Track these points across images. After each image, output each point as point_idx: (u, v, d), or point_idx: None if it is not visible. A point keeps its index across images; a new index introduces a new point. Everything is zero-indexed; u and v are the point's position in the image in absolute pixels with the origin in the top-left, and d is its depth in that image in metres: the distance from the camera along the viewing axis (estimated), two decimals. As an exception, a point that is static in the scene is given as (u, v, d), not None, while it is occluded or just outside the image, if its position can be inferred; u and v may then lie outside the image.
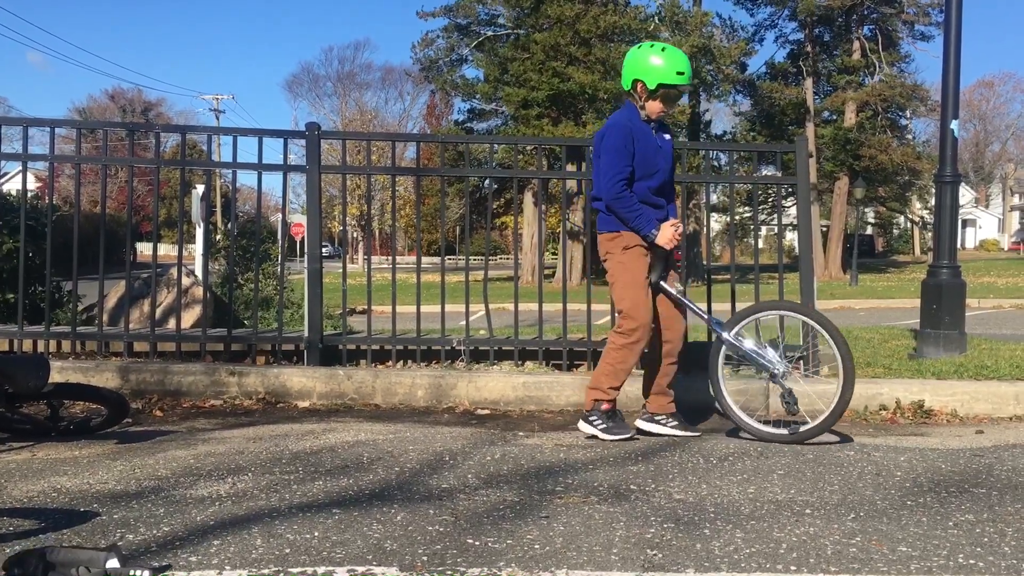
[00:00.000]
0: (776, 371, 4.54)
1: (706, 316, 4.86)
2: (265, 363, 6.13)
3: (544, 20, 30.95)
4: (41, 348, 6.27)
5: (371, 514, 3.15)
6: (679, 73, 4.51)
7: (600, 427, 4.53)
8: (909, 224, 67.93)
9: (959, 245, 8.19)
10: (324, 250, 7.45)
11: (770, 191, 28.27)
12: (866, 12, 39.21)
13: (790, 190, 6.65)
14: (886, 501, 3.37)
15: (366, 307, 6.41)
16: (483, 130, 35.71)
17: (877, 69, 38.74)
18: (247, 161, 6.39)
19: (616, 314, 4.73)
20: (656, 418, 4.70)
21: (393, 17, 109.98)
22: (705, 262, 6.90)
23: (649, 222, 4.53)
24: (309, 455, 4.10)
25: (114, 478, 3.64)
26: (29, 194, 7.07)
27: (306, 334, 6.12)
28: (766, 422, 4.65)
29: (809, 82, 39.57)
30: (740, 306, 5.98)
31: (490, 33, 35.09)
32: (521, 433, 4.74)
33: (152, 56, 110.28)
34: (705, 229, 7.05)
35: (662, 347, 4.71)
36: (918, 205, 58.18)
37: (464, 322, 6.34)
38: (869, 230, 67.01)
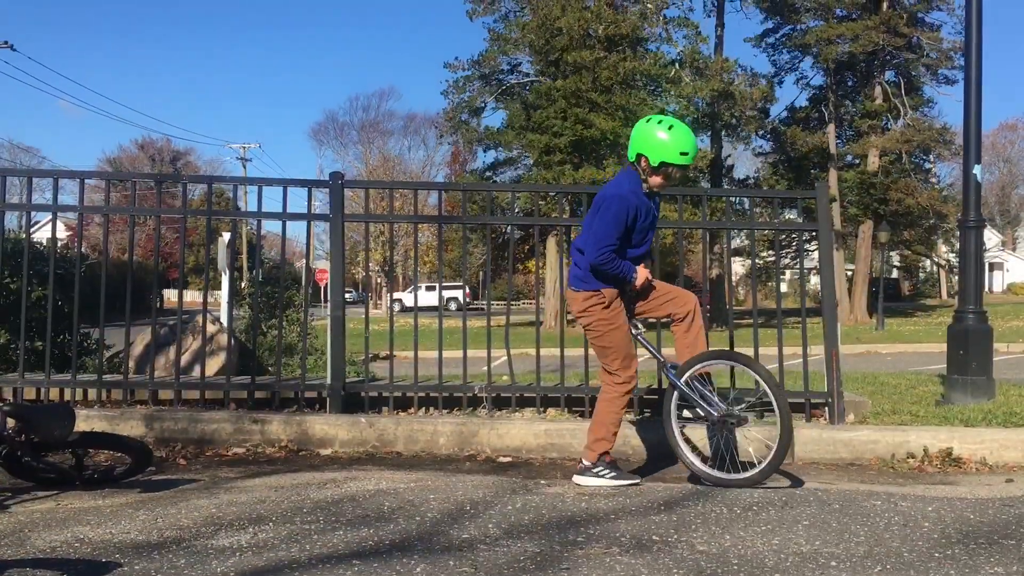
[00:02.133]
0: (712, 418, 4.64)
1: (661, 359, 4.95)
2: (289, 410, 6.15)
3: (566, 67, 31.26)
4: (68, 396, 6.32)
5: (391, 565, 3.13)
6: (683, 153, 4.57)
7: (609, 476, 4.62)
8: (935, 267, 67.39)
9: (986, 289, 8.12)
10: (347, 295, 7.50)
11: (793, 236, 28.21)
12: (888, 57, 39.26)
13: (812, 235, 6.63)
14: (913, 553, 3.31)
15: (389, 353, 6.44)
16: (506, 178, 36.00)
17: (900, 114, 38.71)
18: (272, 210, 6.48)
19: (604, 365, 4.81)
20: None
21: (416, 65, 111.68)
22: (728, 307, 6.87)
23: (631, 268, 4.68)
24: (330, 504, 4.10)
25: (136, 528, 3.65)
26: (59, 243, 7.18)
27: (328, 381, 6.14)
28: (730, 467, 4.64)
29: (831, 127, 39.57)
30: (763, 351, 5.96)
31: (513, 81, 35.50)
32: (543, 481, 4.71)
33: (181, 106, 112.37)
34: (728, 274, 7.02)
35: (681, 328, 4.85)
36: (944, 248, 57.73)
37: (486, 368, 6.34)
38: (895, 274, 66.52)
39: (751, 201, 7.66)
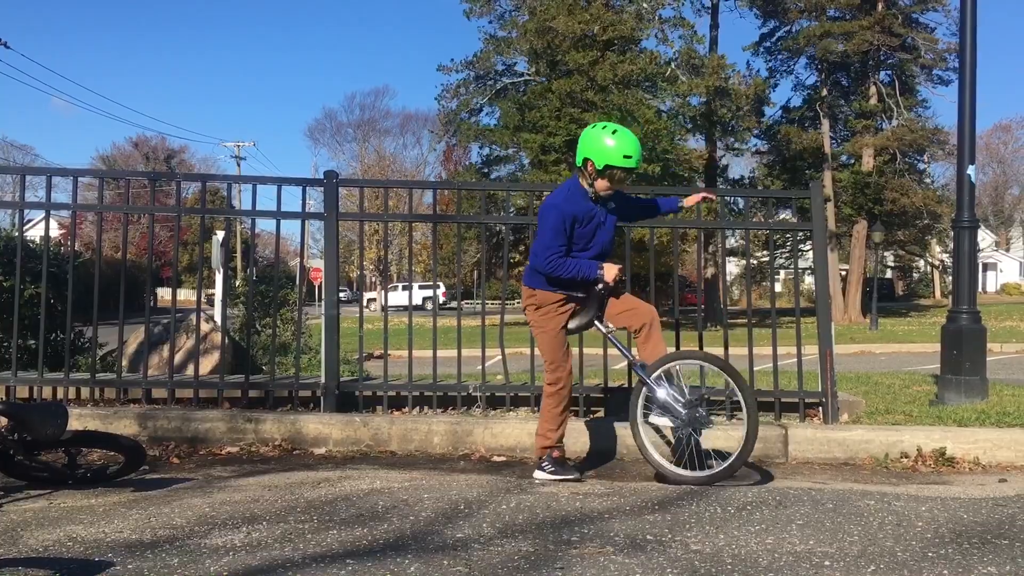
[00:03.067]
0: (679, 415, 4.67)
1: (630, 357, 4.99)
2: (283, 409, 6.14)
3: (561, 68, 31.26)
4: (61, 395, 6.31)
5: (385, 565, 3.13)
6: (626, 156, 4.68)
7: (549, 470, 4.78)
8: (929, 267, 67.54)
9: (980, 289, 8.14)
10: (342, 294, 7.49)
11: (787, 235, 28.22)
12: (883, 57, 39.32)
13: (807, 235, 6.64)
14: (907, 553, 3.32)
15: (383, 352, 6.43)
16: (501, 176, 35.97)
17: (895, 114, 38.76)
18: (267, 208, 6.47)
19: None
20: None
21: (411, 64, 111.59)
22: (722, 306, 6.87)
23: (590, 267, 4.76)
24: (324, 504, 4.09)
25: (129, 527, 3.64)
26: (52, 241, 7.16)
27: (323, 380, 6.13)
28: (696, 466, 4.70)
29: (826, 127, 39.61)
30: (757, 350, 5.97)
31: (508, 82, 35.48)
32: (536, 481, 4.70)
33: (175, 104, 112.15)
34: (722, 273, 7.03)
35: (640, 337, 4.93)
36: (938, 248, 57.86)
37: (480, 367, 6.34)
38: (889, 274, 66.63)
39: (746, 201, 7.67)
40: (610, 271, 4.78)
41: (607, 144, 4.69)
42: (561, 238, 4.72)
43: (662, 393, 4.69)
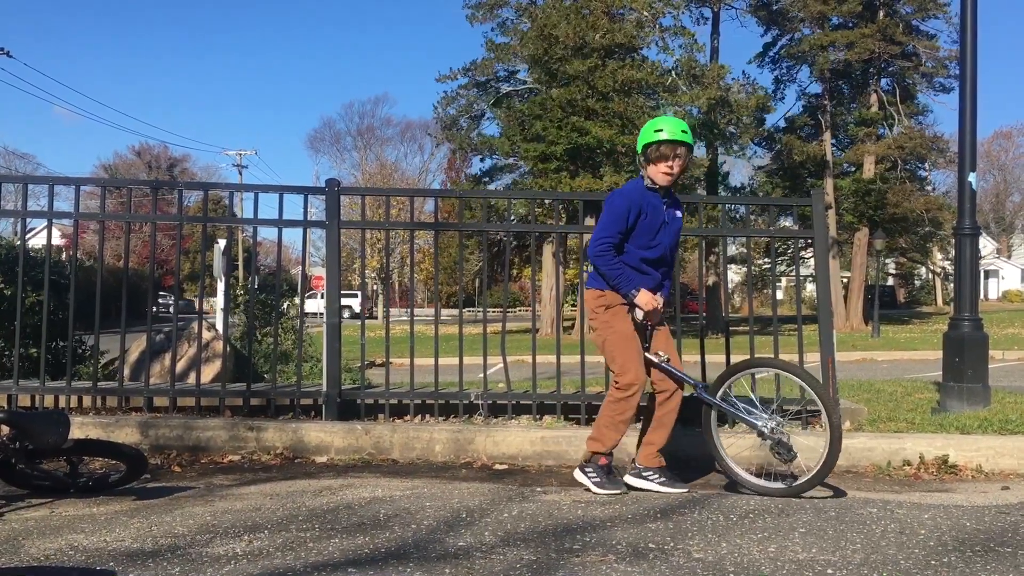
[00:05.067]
0: (763, 429, 4.57)
1: (692, 381, 4.79)
2: (284, 418, 6.14)
3: (562, 76, 31.30)
4: (63, 403, 6.31)
5: (386, 573, 3.12)
6: (657, 131, 4.64)
7: (593, 479, 4.60)
8: (931, 275, 67.51)
9: (981, 296, 8.14)
10: (344, 302, 7.49)
11: (789, 243, 28.26)
12: (883, 65, 39.39)
13: (808, 243, 6.64)
14: (910, 560, 3.31)
15: (385, 360, 6.43)
16: (502, 185, 36.02)
17: (896, 121, 38.81)
18: (268, 217, 6.47)
19: (611, 372, 4.78)
20: (644, 473, 4.69)
21: (411, 72, 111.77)
22: (724, 314, 6.88)
23: (629, 282, 4.61)
24: (326, 512, 4.09)
25: (131, 536, 3.63)
26: (53, 249, 7.17)
27: (324, 388, 6.13)
28: (768, 476, 4.66)
29: (827, 135, 39.68)
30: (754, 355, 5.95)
31: (508, 89, 35.55)
32: (539, 489, 4.70)
33: (177, 112, 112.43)
34: (724, 281, 7.03)
35: (656, 401, 4.76)
36: (939, 256, 57.81)
37: (482, 375, 6.34)
38: (890, 281, 66.62)
39: (747, 209, 7.68)
40: (644, 296, 4.60)
41: (644, 130, 4.71)
42: (620, 224, 4.58)
43: (734, 410, 4.62)
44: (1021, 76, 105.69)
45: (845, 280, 42.78)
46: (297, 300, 9.63)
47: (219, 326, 8.51)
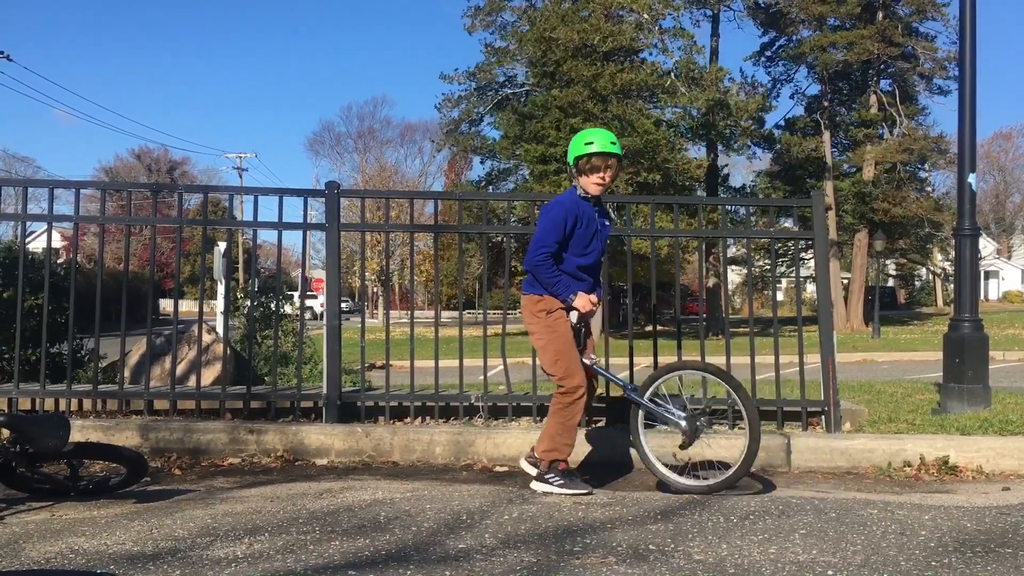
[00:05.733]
0: (683, 428, 4.75)
1: (621, 383, 5.00)
2: (284, 420, 6.14)
3: (562, 79, 31.30)
4: (63, 406, 6.31)
5: (387, 575, 3.12)
6: (587, 143, 4.80)
7: (558, 483, 4.67)
8: (931, 276, 67.51)
9: (982, 297, 8.14)
10: (344, 304, 7.49)
11: (789, 244, 28.26)
12: (883, 66, 39.38)
13: (808, 244, 6.64)
14: (910, 562, 3.31)
15: (385, 362, 6.43)
16: (503, 188, 36.01)
17: (895, 123, 38.80)
18: (268, 219, 6.47)
19: (547, 375, 4.88)
20: (546, 476, 4.75)
21: (411, 73, 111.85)
22: (724, 315, 6.88)
23: (567, 288, 4.75)
24: (326, 515, 4.09)
25: (131, 539, 3.63)
26: (53, 252, 7.17)
27: (324, 391, 6.13)
28: (693, 475, 4.82)
29: (827, 136, 39.66)
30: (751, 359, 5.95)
31: (509, 92, 35.55)
32: (538, 491, 4.69)
33: (178, 115, 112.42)
34: (724, 283, 7.04)
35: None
36: (939, 257, 57.82)
37: (482, 377, 6.33)
38: (891, 282, 66.62)
39: (747, 210, 7.68)
40: (582, 299, 4.75)
41: (574, 143, 4.87)
42: (558, 233, 4.72)
43: (659, 410, 4.79)
44: (1020, 77, 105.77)
45: (845, 281, 42.76)
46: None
47: (219, 329, 8.51)
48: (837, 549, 3.49)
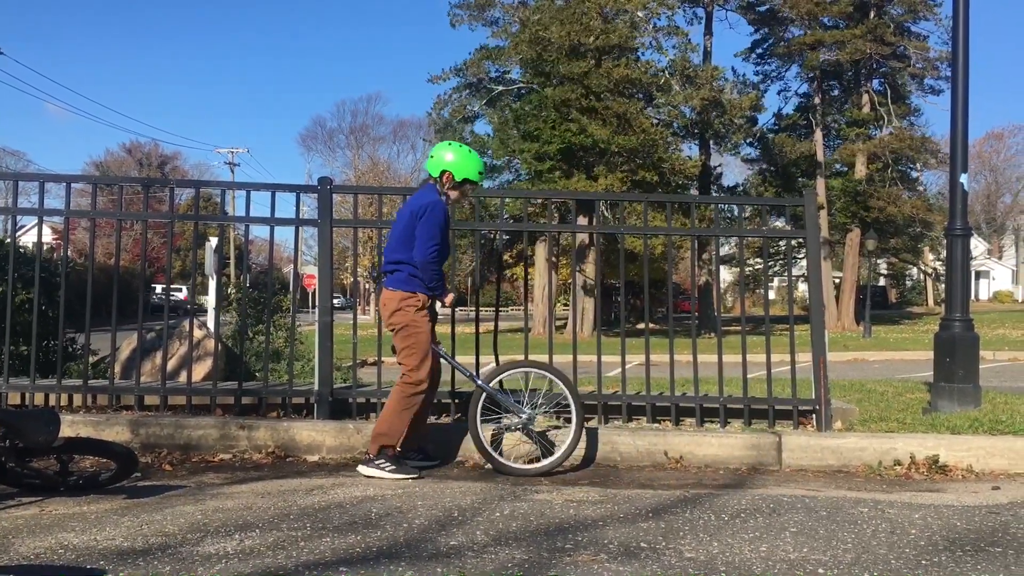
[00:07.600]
0: (521, 416, 5.28)
1: (468, 373, 5.39)
2: (276, 416, 6.12)
3: (555, 75, 31.27)
4: (53, 401, 6.28)
5: (378, 572, 3.12)
6: (480, 173, 5.35)
7: (388, 468, 4.99)
8: (922, 275, 67.72)
9: (972, 297, 8.16)
10: (336, 301, 7.47)
11: (781, 243, 28.32)
12: (874, 66, 39.47)
13: (800, 243, 6.65)
14: (900, 560, 3.32)
15: (377, 358, 6.41)
16: (496, 185, 35.97)
17: (887, 122, 38.89)
18: (260, 215, 6.45)
19: (401, 365, 5.19)
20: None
21: (404, 70, 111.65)
22: (716, 313, 6.89)
23: (442, 286, 5.23)
24: (317, 511, 4.08)
25: (121, 534, 3.62)
26: (44, 247, 7.14)
27: (316, 387, 6.12)
28: (530, 461, 5.23)
29: (819, 135, 39.75)
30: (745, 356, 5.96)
31: (501, 89, 35.49)
32: (531, 488, 4.70)
33: (169, 110, 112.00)
34: (716, 281, 7.04)
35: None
36: (931, 256, 58.00)
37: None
38: (882, 281, 66.79)
39: (740, 209, 7.69)
40: (450, 297, 5.30)
41: (468, 161, 5.27)
42: (440, 234, 5.08)
43: (499, 396, 5.26)
44: (1012, 77, 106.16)
45: (837, 280, 42.86)
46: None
47: (210, 324, 8.48)
48: (828, 547, 3.50)
